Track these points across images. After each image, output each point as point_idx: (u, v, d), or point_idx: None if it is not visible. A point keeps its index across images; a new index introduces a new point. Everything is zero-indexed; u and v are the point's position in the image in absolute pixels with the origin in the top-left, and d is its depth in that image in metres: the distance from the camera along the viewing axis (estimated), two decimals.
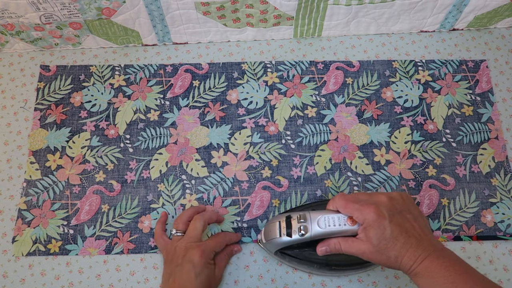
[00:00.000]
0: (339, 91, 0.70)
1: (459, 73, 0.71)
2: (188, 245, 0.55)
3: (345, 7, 0.67)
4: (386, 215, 0.49)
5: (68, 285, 0.60)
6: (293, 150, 0.67)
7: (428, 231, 0.50)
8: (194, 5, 0.65)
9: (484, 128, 0.68)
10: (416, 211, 0.52)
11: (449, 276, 0.45)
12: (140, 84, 0.70)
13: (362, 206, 0.50)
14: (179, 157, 0.66)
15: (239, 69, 0.71)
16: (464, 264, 0.47)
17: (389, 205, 0.50)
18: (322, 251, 0.52)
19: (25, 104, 0.69)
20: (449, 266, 0.46)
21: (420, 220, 0.51)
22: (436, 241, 0.50)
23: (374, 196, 0.51)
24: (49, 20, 0.65)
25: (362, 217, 0.49)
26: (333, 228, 0.51)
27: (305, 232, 0.52)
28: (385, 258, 0.48)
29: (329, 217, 0.52)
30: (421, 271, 0.46)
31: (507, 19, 0.73)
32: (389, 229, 0.48)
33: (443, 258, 0.47)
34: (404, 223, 0.49)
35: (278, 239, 0.54)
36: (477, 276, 0.46)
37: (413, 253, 0.47)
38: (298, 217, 0.53)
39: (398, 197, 0.52)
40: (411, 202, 0.53)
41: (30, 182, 0.65)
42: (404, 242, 0.48)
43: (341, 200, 0.52)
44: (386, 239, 0.48)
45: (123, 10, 0.64)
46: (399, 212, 0.50)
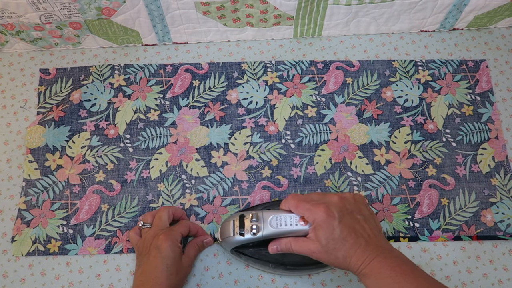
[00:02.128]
0: (339, 91, 0.70)
1: (459, 73, 0.71)
2: (154, 233, 0.56)
3: (345, 7, 0.67)
4: (336, 215, 0.49)
5: (68, 285, 0.60)
6: (293, 150, 0.67)
7: (378, 232, 0.51)
8: (194, 5, 0.65)
9: (484, 128, 0.68)
10: (367, 212, 0.52)
11: (395, 276, 0.45)
12: (140, 84, 0.70)
13: (312, 206, 0.50)
14: (179, 156, 0.66)
15: (239, 69, 0.71)
16: (411, 264, 0.48)
17: (340, 206, 0.50)
18: (273, 250, 0.53)
19: (25, 104, 0.70)
20: (395, 267, 0.46)
21: (370, 221, 0.51)
22: (385, 242, 0.50)
23: (326, 196, 0.52)
24: (49, 20, 0.65)
25: (313, 217, 0.50)
26: (284, 228, 0.52)
27: (257, 232, 0.52)
28: (334, 258, 0.48)
29: (281, 217, 0.52)
30: (368, 272, 0.47)
31: (507, 19, 0.73)
32: (338, 230, 0.48)
33: (390, 258, 0.47)
34: (354, 224, 0.49)
35: (232, 238, 0.54)
36: (423, 277, 0.46)
37: (361, 254, 0.47)
38: (251, 216, 0.53)
39: (350, 197, 0.52)
40: (363, 203, 0.53)
41: (29, 182, 0.65)
42: (353, 243, 0.48)
43: (293, 200, 0.52)
44: (335, 239, 0.48)
45: (123, 10, 0.65)
46: (350, 213, 0.50)
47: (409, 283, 0.45)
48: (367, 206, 0.53)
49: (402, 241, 0.62)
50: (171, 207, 0.60)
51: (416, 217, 0.63)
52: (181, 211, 0.61)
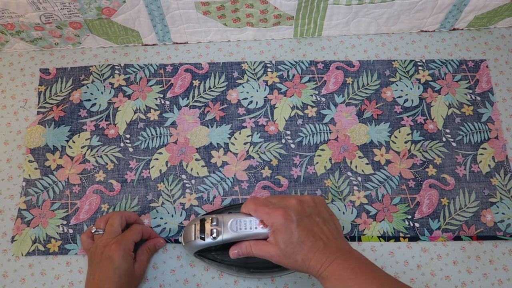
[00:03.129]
0: (339, 90, 0.70)
1: (459, 73, 0.71)
2: (106, 242, 0.55)
3: (345, 7, 0.67)
4: (294, 218, 0.49)
5: (68, 284, 0.60)
6: (293, 150, 0.67)
7: (337, 235, 0.51)
8: (194, 4, 0.65)
9: (484, 128, 0.68)
10: (327, 214, 0.52)
11: (355, 278, 0.45)
12: (140, 83, 0.70)
13: (271, 209, 0.50)
14: (179, 156, 0.66)
15: (239, 69, 0.71)
16: (371, 265, 0.48)
17: (298, 209, 0.50)
18: (234, 254, 0.52)
19: (25, 103, 0.70)
20: (355, 268, 0.46)
21: (330, 224, 0.51)
22: (345, 243, 0.50)
23: (285, 199, 0.52)
24: (49, 20, 0.65)
25: (271, 221, 0.50)
26: (244, 232, 0.51)
27: (217, 235, 0.52)
28: (293, 262, 0.48)
29: (241, 220, 0.52)
30: (328, 275, 0.46)
31: (507, 19, 0.73)
32: (296, 233, 0.48)
33: (349, 260, 0.47)
34: (313, 226, 0.49)
35: (193, 242, 0.53)
36: (383, 276, 0.46)
37: (320, 257, 0.47)
38: (211, 220, 0.53)
39: (309, 200, 0.52)
40: (323, 206, 0.53)
41: (29, 182, 0.65)
42: (311, 245, 0.48)
43: (252, 204, 0.52)
44: (293, 243, 0.48)
45: (123, 9, 0.65)
46: (308, 216, 0.50)
47: (369, 283, 0.45)
48: (327, 208, 0.54)
49: (402, 241, 0.62)
50: (124, 212, 0.60)
51: (416, 217, 0.63)
52: (134, 215, 0.61)
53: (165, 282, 0.60)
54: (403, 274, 0.61)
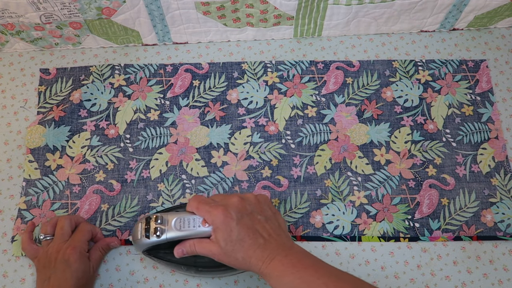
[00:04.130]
0: (339, 91, 0.70)
1: (459, 73, 0.71)
2: (59, 246, 0.55)
3: (345, 7, 0.67)
4: (234, 216, 0.49)
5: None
6: (293, 150, 0.67)
7: (280, 232, 0.51)
8: (194, 5, 0.65)
9: (484, 128, 0.68)
10: (270, 212, 0.52)
11: (297, 272, 0.46)
12: (140, 83, 0.70)
13: (211, 208, 0.50)
14: (179, 156, 0.66)
15: (239, 69, 0.71)
16: (313, 258, 0.48)
17: (239, 207, 0.50)
18: (179, 253, 0.52)
19: (25, 104, 0.70)
20: (296, 263, 0.46)
21: (272, 221, 0.51)
22: (287, 240, 0.50)
23: (227, 197, 0.52)
24: (49, 20, 0.65)
25: (211, 219, 0.50)
26: (188, 230, 0.51)
27: (161, 234, 0.52)
28: (234, 260, 0.49)
29: (184, 219, 0.52)
30: (270, 272, 0.47)
31: (507, 19, 0.73)
32: (236, 231, 0.48)
33: (290, 256, 0.47)
34: (254, 224, 0.50)
35: (139, 241, 0.53)
36: (324, 267, 0.47)
37: (261, 254, 0.48)
38: (155, 218, 0.53)
39: (252, 198, 0.52)
40: (267, 204, 0.53)
41: (29, 182, 0.65)
42: (251, 243, 0.48)
43: (194, 202, 0.52)
44: (233, 240, 0.48)
45: (123, 10, 0.65)
46: (249, 214, 0.50)
47: (310, 275, 0.45)
48: (270, 206, 0.54)
49: (402, 241, 0.62)
50: (71, 216, 0.59)
51: (416, 217, 0.63)
52: (81, 218, 0.61)
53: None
54: (403, 274, 0.61)
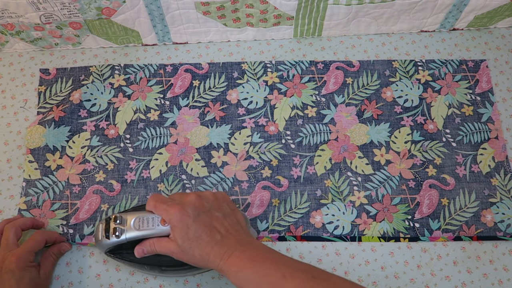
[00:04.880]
0: (339, 91, 0.70)
1: (459, 73, 0.71)
2: (4, 256, 0.54)
3: (345, 7, 0.67)
4: (191, 214, 0.49)
5: (68, 284, 0.60)
6: (293, 150, 0.67)
7: (238, 228, 0.51)
8: (194, 5, 0.65)
9: (484, 128, 0.68)
10: (228, 209, 0.53)
11: (254, 266, 0.46)
12: (140, 84, 0.70)
13: (169, 206, 0.50)
14: (179, 157, 0.66)
15: (239, 69, 0.71)
16: (270, 251, 0.48)
17: (196, 204, 0.50)
18: (139, 253, 0.52)
19: (25, 104, 0.70)
20: (254, 257, 0.47)
21: (231, 218, 0.51)
22: (246, 235, 0.50)
23: (184, 196, 0.52)
24: (49, 20, 0.65)
25: (169, 218, 0.50)
26: (146, 229, 0.51)
27: (120, 234, 0.52)
28: (192, 257, 0.49)
29: (143, 218, 0.52)
30: (229, 268, 0.47)
31: (507, 19, 0.73)
32: (193, 228, 0.48)
33: (248, 250, 0.47)
34: (211, 221, 0.50)
35: (100, 242, 0.53)
36: (282, 260, 0.47)
37: (219, 251, 0.48)
38: (115, 218, 0.52)
39: (209, 196, 0.53)
40: (225, 200, 0.53)
41: (29, 182, 0.65)
42: (208, 240, 0.48)
43: (152, 201, 0.52)
44: (190, 238, 0.48)
45: (123, 10, 0.65)
46: (207, 211, 0.50)
47: (268, 268, 0.45)
48: (229, 203, 0.54)
49: (402, 241, 0.62)
50: (17, 222, 0.58)
51: (416, 217, 0.63)
52: (30, 221, 0.60)
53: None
54: (403, 274, 0.61)
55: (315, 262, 0.61)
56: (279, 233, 0.63)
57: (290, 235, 0.62)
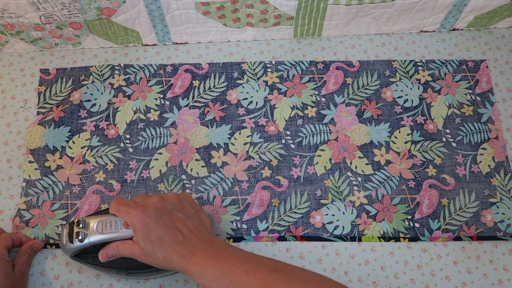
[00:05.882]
0: (339, 91, 0.70)
1: (459, 73, 0.71)
2: None
3: (345, 7, 0.67)
4: (153, 216, 0.49)
5: (68, 285, 0.60)
6: (293, 150, 0.67)
7: (202, 227, 0.51)
8: (194, 5, 0.65)
9: (484, 128, 0.68)
10: (192, 209, 0.53)
11: (217, 264, 0.46)
12: (140, 84, 0.70)
13: (130, 209, 0.50)
14: (179, 157, 0.66)
15: (239, 69, 0.71)
16: (233, 248, 0.48)
17: (158, 206, 0.50)
18: (103, 257, 0.52)
19: (25, 104, 0.70)
20: (216, 255, 0.47)
21: (194, 218, 0.51)
22: (209, 234, 0.50)
23: (146, 198, 0.52)
24: (49, 20, 0.65)
25: (131, 220, 0.50)
26: (110, 233, 0.51)
27: (84, 238, 0.51)
28: (155, 259, 0.49)
29: (106, 221, 0.52)
30: (192, 267, 0.47)
31: (507, 19, 0.73)
32: (155, 230, 0.49)
33: (210, 249, 0.48)
34: (173, 222, 0.50)
35: (64, 246, 0.53)
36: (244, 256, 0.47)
37: (181, 251, 0.48)
38: (77, 222, 0.52)
39: (172, 197, 0.53)
40: (188, 201, 0.53)
41: (29, 182, 0.65)
42: (171, 241, 0.48)
43: (115, 204, 0.52)
44: (152, 240, 0.48)
45: (123, 10, 0.65)
46: (169, 212, 0.50)
47: (230, 266, 0.45)
48: (193, 204, 0.54)
49: (402, 241, 0.62)
50: None
51: (416, 217, 0.63)
52: (16, 237, 0.60)
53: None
54: (403, 274, 0.61)
55: (315, 262, 0.61)
56: (279, 233, 0.63)
57: (290, 235, 0.62)
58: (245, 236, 0.62)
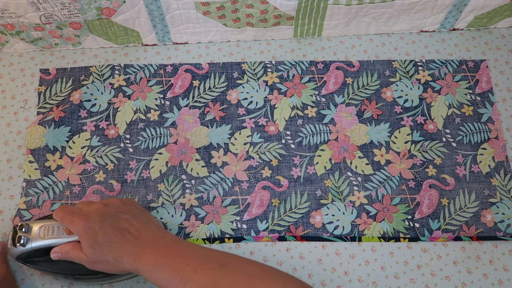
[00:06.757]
0: (339, 91, 0.70)
1: (459, 73, 0.71)
2: None
3: (345, 7, 0.67)
4: (97, 221, 0.49)
5: (68, 285, 0.60)
6: (293, 150, 0.67)
7: (150, 225, 0.51)
8: (194, 5, 0.65)
9: (484, 128, 0.68)
10: (137, 210, 0.53)
11: (166, 262, 0.46)
12: (140, 84, 0.70)
13: (74, 218, 0.50)
14: (179, 157, 0.66)
15: (239, 69, 0.71)
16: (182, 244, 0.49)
17: (101, 211, 0.51)
18: (54, 256, 0.52)
19: (25, 104, 0.70)
20: (165, 253, 0.47)
21: (141, 217, 0.52)
22: (157, 231, 0.51)
23: (89, 205, 0.52)
24: (49, 20, 0.65)
25: (75, 230, 0.50)
26: (52, 237, 0.51)
27: (26, 242, 0.51)
28: (106, 264, 0.49)
29: (49, 226, 0.52)
30: (143, 266, 0.47)
31: (507, 19, 0.73)
32: (101, 235, 0.49)
33: (160, 247, 0.48)
34: (119, 224, 0.50)
35: (9, 250, 0.53)
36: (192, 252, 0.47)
37: (131, 250, 0.48)
38: (20, 226, 0.52)
39: (116, 202, 0.53)
40: (133, 204, 0.54)
41: (29, 182, 0.65)
42: (120, 242, 0.48)
43: (59, 212, 0.52)
44: (100, 244, 0.48)
45: (123, 10, 0.65)
46: (114, 215, 0.51)
47: (179, 263, 0.46)
48: (137, 206, 0.54)
49: (402, 241, 0.62)
50: None
51: (416, 217, 0.63)
52: None
53: None
54: (403, 274, 0.61)
55: (315, 262, 0.61)
56: (279, 233, 0.63)
57: (290, 235, 0.62)
58: (245, 236, 0.62)
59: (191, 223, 0.63)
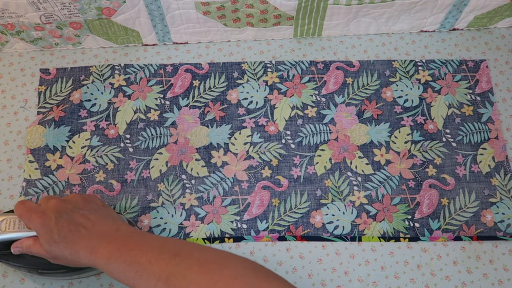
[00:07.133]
0: (339, 91, 0.70)
1: (459, 73, 0.71)
2: None
3: (345, 7, 0.67)
4: (53, 217, 0.49)
5: (68, 285, 0.60)
6: (293, 150, 0.67)
7: (107, 219, 0.51)
8: (194, 5, 0.65)
9: (484, 128, 0.68)
10: (97, 205, 0.53)
11: (121, 256, 0.46)
12: (140, 84, 0.70)
13: (31, 215, 0.51)
14: (179, 156, 0.66)
15: (239, 69, 0.71)
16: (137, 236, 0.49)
17: (58, 207, 0.51)
18: (15, 251, 0.52)
19: (25, 104, 0.70)
20: (120, 246, 0.47)
21: (99, 212, 0.52)
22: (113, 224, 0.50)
23: (48, 201, 0.52)
24: (49, 20, 0.65)
25: (33, 226, 0.50)
26: (12, 231, 0.52)
27: None
28: (64, 259, 0.49)
29: (10, 220, 0.52)
30: (99, 260, 0.47)
31: (507, 19, 0.73)
32: (56, 230, 0.49)
33: (115, 241, 0.48)
34: (75, 219, 0.50)
35: None
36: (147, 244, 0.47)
37: (86, 245, 0.48)
38: None
39: (76, 197, 0.53)
40: (94, 200, 0.54)
41: (29, 182, 0.65)
42: (74, 237, 0.48)
43: (19, 208, 0.52)
44: (56, 240, 0.48)
45: (123, 10, 0.65)
46: (71, 211, 0.51)
47: (134, 256, 0.46)
48: (98, 201, 0.54)
49: (402, 241, 0.62)
50: None
51: (416, 217, 0.63)
52: None
53: None
54: (403, 274, 0.61)
55: (315, 262, 0.61)
56: (279, 233, 0.63)
57: (290, 235, 0.62)
58: (245, 236, 0.62)
59: (191, 223, 0.63)
